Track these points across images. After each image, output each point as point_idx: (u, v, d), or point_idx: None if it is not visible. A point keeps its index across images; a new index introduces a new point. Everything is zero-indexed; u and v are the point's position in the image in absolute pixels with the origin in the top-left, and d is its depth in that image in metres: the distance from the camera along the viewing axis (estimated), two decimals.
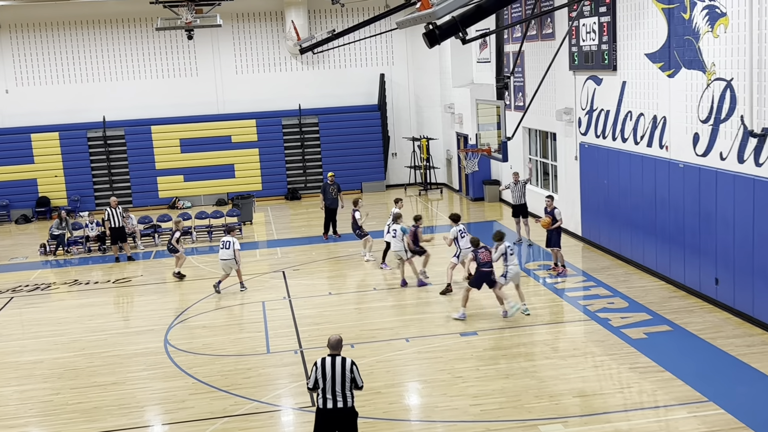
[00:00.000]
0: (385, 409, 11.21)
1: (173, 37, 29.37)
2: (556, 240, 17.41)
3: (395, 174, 31.38)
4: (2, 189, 28.60)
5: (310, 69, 30.65)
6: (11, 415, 11.77)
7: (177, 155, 29.56)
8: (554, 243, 17.44)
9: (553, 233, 17.37)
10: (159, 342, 14.61)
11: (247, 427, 10.91)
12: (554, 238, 17.41)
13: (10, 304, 17.84)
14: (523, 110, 20.01)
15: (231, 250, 17.33)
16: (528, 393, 11.47)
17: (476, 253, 14.81)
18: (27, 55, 29.05)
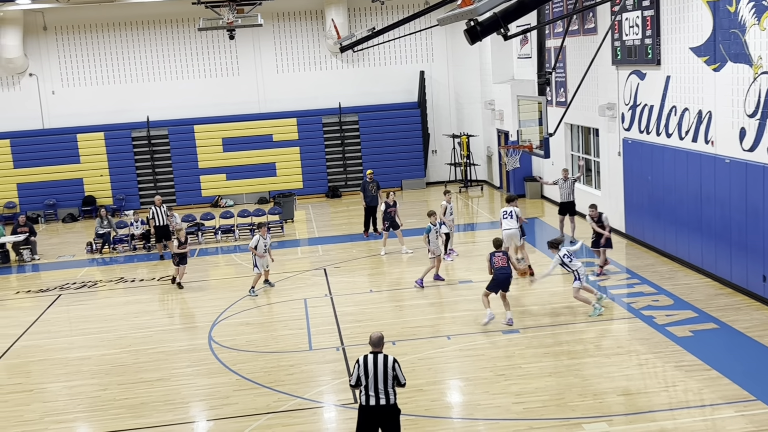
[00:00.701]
0: (427, 406, 11.22)
1: (215, 37, 29.67)
2: (608, 243, 17.00)
3: (435, 171, 31.33)
4: (49, 188, 29.17)
5: (350, 67, 30.74)
6: (60, 410, 12.01)
7: (219, 154, 29.87)
8: (607, 245, 17.01)
9: (602, 236, 16.92)
10: (203, 339, 14.79)
11: (290, 424, 10.99)
12: (606, 243, 16.98)
13: (58, 301, 18.20)
14: (565, 106, 19.84)
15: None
16: (572, 391, 11.38)
17: (492, 256, 14.40)
18: (72, 56, 29.57)
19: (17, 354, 14.70)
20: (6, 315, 17.53)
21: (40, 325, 16.41)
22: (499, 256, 14.41)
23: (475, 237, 22.22)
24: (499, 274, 14.34)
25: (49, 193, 29.18)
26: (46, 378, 13.45)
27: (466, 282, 17.25)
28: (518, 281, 16.61)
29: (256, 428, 10.87)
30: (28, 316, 17.04)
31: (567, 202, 20.17)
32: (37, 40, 29.33)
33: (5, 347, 15.05)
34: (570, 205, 20.20)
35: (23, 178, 29.12)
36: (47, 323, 16.56)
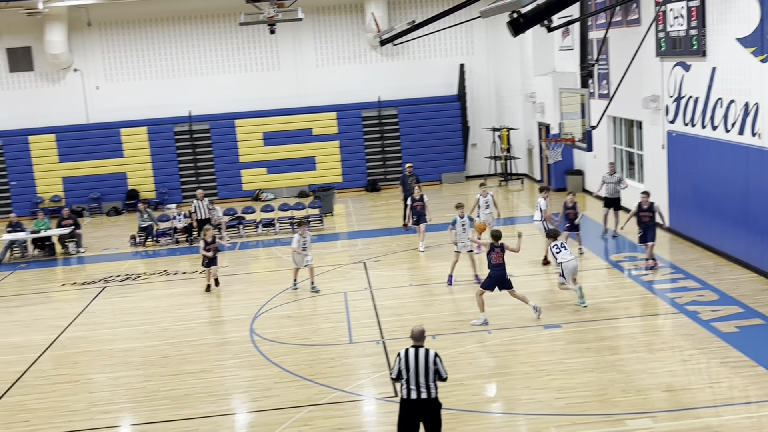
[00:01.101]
0: (468, 400, 11.19)
1: (256, 32, 29.85)
2: (653, 235, 16.81)
3: (475, 165, 31.19)
4: (94, 182, 29.64)
5: (389, 60, 30.71)
6: (106, 401, 12.21)
7: (260, 148, 30.07)
8: (651, 238, 16.82)
9: (650, 228, 16.76)
10: (245, 331, 14.92)
11: (331, 416, 11.05)
12: (651, 234, 16.80)
13: (102, 293, 18.50)
14: (607, 98, 19.61)
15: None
16: (614, 387, 11.27)
17: (491, 251, 14.07)
18: (116, 52, 29.97)
19: (63, 345, 14.97)
20: (52, 307, 17.87)
21: (86, 317, 16.69)
22: (497, 253, 14.04)
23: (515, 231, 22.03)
24: (494, 271, 14.09)
25: (93, 187, 29.65)
26: (91, 369, 13.69)
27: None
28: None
29: (297, 420, 10.94)
30: (73, 308, 17.35)
31: (613, 198, 19.84)
32: (81, 36, 29.78)
33: (52, 338, 15.34)
34: (615, 201, 19.86)
35: (68, 172, 29.62)
36: (92, 315, 16.84)
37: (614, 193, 19.76)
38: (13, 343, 15.31)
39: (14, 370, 13.68)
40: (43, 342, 15.13)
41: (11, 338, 15.63)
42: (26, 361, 14.13)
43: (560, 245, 15.13)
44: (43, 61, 29.56)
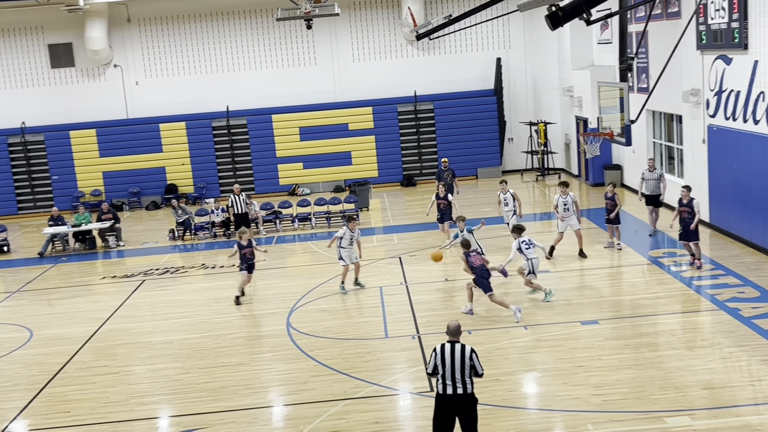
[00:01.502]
0: (504, 396, 11.15)
1: (293, 27, 29.97)
2: (695, 234, 16.38)
3: (511, 159, 31.02)
4: (133, 177, 30.02)
5: (425, 55, 30.66)
6: (144, 393, 12.38)
7: (296, 143, 30.21)
8: (694, 237, 16.39)
9: (689, 225, 16.34)
10: (282, 324, 15.02)
11: (366, 410, 11.08)
12: (693, 232, 16.34)
13: (142, 286, 18.74)
14: (646, 92, 19.38)
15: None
16: (653, 384, 11.15)
17: (468, 256, 14.45)
18: (155, 47, 30.31)
19: (104, 337, 15.21)
20: (93, 299, 18.15)
21: (125, 310, 16.93)
22: (474, 256, 14.53)
23: (552, 226, 21.90)
24: (481, 272, 14.35)
25: (133, 182, 30.03)
26: (131, 361, 13.88)
27: (544, 272, 17.03)
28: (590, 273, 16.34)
29: (333, 414, 11.00)
30: (113, 301, 17.61)
31: (654, 195, 19.40)
32: (121, 32, 30.15)
33: (92, 331, 15.59)
34: (656, 198, 19.50)
35: (108, 167, 30.04)
36: (132, 308, 17.08)
37: (655, 190, 19.38)
38: (55, 334, 15.59)
39: (56, 362, 13.94)
40: (83, 334, 15.39)
41: (53, 330, 15.91)
42: (67, 352, 14.39)
43: (528, 241, 15.22)
44: (83, 57, 30.00)
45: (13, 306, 17.98)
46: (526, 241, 15.24)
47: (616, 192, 18.45)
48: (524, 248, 15.15)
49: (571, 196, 17.90)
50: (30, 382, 13.13)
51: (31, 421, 11.66)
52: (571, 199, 17.99)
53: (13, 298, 18.63)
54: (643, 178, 19.56)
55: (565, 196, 18.06)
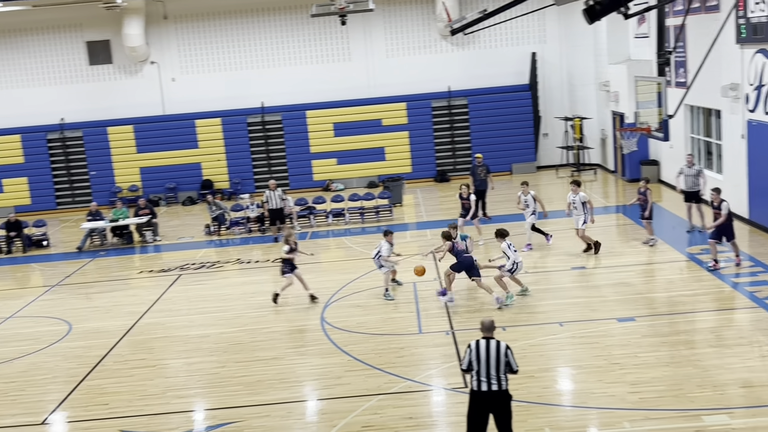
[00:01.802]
0: (538, 393, 11.10)
1: (327, 23, 30.02)
2: (731, 232, 16.01)
3: (546, 155, 30.80)
4: (170, 172, 30.33)
5: (459, 50, 30.54)
6: (181, 386, 12.52)
7: (330, 139, 30.29)
8: (729, 235, 16.01)
9: (724, 227, 15.90)
10: (316, 319, 15.09)
11: (400, 405, 11.10)
12: (728, 232, 15.97)
13: (178, 281, 18.94)
14: (684, 87, 19.12)
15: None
16: (690, 382, 11.02)
17: (453, 245, 15.23)
18: (191, 44, 30.56)
19: (141, 331, 15.40)
20: (130, 293, 18.39)
21: (162, 304, 17.13)
22: (458, 243, 15.34)
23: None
24: (463, 258, 15.07)
25: (169, 177, 30.34)
26: (167, 354, 14.05)
27: (579, 268, 16.92)
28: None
29: (368, 409, 11.03)
30: (150, 295, 17.83)
31: (692, 192, 19.14)
32: (157, 28, 30.45)
33: (130, 324, 15.80)
34: (695, 194, 19.20)
35: (145, 163, 30.38)
36: (168, 302, 17.28)
37: (693, 186, 19.09)
38: (94, 328, 15.82)
39: (94, 354, 14.15)
40: (121, 327, 15.60)
41: (91, 323, 16.15)
42: (105, 345, 14.60)
43: (511, 245, 15.17)
44: (121, 54, 30.36)
45: (52, 300, 18.29)
46: (511, 244, 15.19)
47: (648, 187, 18.25)
48: (513, 250, 15.09)
49: (580, 195, 17.67)
50: (69, 374, 13.34)
51: (70, 413, 11.86)
52: (580, 198, 17.77)
53: (52, 292, 18.94)
54: (682, 173, 19.34)
55: (574, 195, 17.94)
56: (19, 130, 30.37)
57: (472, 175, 22.62)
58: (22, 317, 17.02)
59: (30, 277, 21.04)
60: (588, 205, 17.82)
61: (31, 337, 15.50)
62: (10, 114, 30.45)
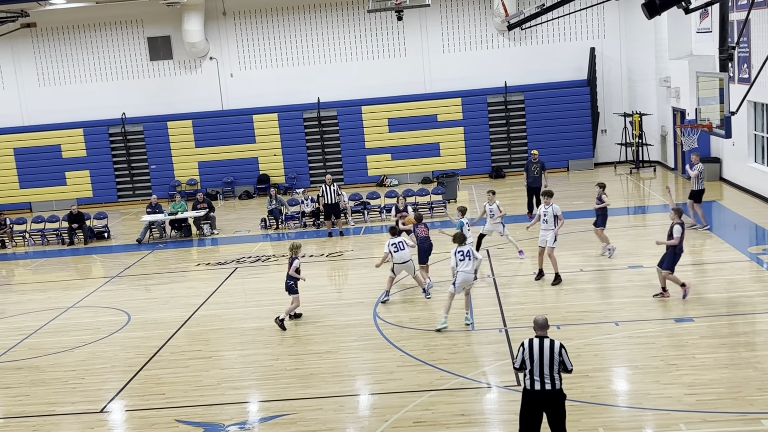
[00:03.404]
0: (593, 393, 10.96)
1: (383, 19, 30.06)
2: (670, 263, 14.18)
3: (604, 152, 30.37)
4: (228, 167, 30.76)
5: (516, 45, 30.28)
6: (236, 378, 12.69)
7: (385, 134, 30.33)
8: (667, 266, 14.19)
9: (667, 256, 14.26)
10: (369, 314, 15.14)
11: (452, 402, 11.07)
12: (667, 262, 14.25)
13: (234, 274, 19.19)
14: (748, 83, 18.64)
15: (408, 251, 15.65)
16: (750, 385, 10.75)
17: (415, 228, 16.67)
18: (249, 40, 30.91)
19: (197, 322, 15.66)
20: (188, 285, 18.70)
21: (218, 296, 17.38)
22: (420, 228, 16.55)
23: (646, 220, 21.38)
24: (421, 242, 16.30)
25: (226, 171, 30.76)
26: (223, 346, 14.25)
27: (636, 267, 16.64)
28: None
29: (419, 404, 11.03)
30: (207, 287, 18.10)
31: (697, 191, 18.69)
32: (216, 24, 30.87)
33: (187, 316, 16.07)
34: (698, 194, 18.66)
35: (203, 157, 30.85)
36: (224, 294, 17.52)
37: (700, 185, 18.69)
38: (152, 319, 16.14)
39: (152, 345, 14.44)
40: (178, 319, 15.88)
41: (150, 314, 16.48)
42: (163, 336, 14.88)
43: (465, 252, 13.93)
44: (181, 49, 30.86)
45: (112, 290, 18.70)
46: (463, 252, 13.98)
47: (605, 193, 17.64)
48: (458, 259, 13.96)
49: (554, 207, 16.27)
50: (127, 364, 13.64)
51: (128, 402, 12.12)
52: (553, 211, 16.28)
53: (112, 283, 19.37)
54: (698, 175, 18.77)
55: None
56: (81, 124, 31.14)
57: (526, 171, 22.44)
58: (83, 307, 17.45)
59: (91, 268, 21.56)
60: (559, 220, 16.16)
61: (91, 326, 15.89)
62: (74, 108, 31.25)
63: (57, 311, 17.19)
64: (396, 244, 15.58)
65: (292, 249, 14.97)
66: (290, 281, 14.88)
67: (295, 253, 14.93)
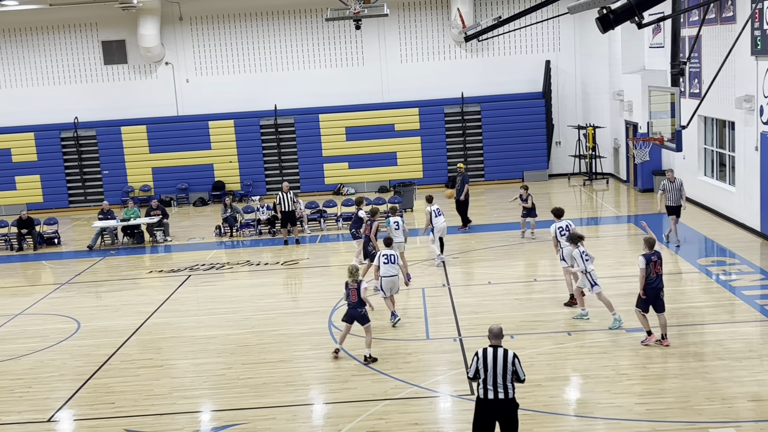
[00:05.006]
0: (545, 402, 11.05)
1: (342, 28, 30.09)
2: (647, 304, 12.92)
3: (558, 163, 30.74)
4: (182, 173, 30.42)
5: (473, 57, 30.53)
6: (187, 387, 12.53)
7: (342, 143, 30.32)
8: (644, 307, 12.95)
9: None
10: (323, 323, 15.08)
11: (406, 411, 11.07)
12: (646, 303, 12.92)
13: (187, 281, 18.98)
14: (698, 97, 19.04)
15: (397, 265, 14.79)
16: (698, 394, 10.94)
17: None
18: (205, 46, 30.67)
19: (149, 330, 15.43)
20: (139, 293, 18.44)
21: (171, 304, 17.16)
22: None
23: (599, 231, 21.67)
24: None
25: (181, 178, 30.43)
26: (174, 354, 14.07)
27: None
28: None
29: (373, 414, 11.01)
30: (159, 295, 17.86)
31: (676, 207, 18.94)
32: (173, 29, 30.58)
33: (138, 323, 15.83)
34: (678, 209, 18.96)
35: (158, 163, 30.48)
36: (177, 302, 17.31)
37: (677, 201, 18.82)
38: (102, 326, 15.87)
39: (102, 353, 14.19)
40: (129, 326, 15.64)
41: (100, 322, 16.20)
42: (113, 344, 14.63)
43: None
44: (136, 54, 30.50)
45: (62, 297, 18.36)
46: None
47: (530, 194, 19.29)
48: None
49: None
50: (76, 372, 13.38)
51: (77, 411, 11.88)
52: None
53: (62, 290, 19.01)
54: (665, 189, 19.04)
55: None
56: (33, 128, 30.56)
57: (455, 184, 22.70)
58: (32, 315, 17.09)
59: (40, 275, 21.14)
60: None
61: (40, 334, 15.57)
62: (25, 111, 30.66)
63: (4, 318, 16.81)
64: (387, 256, 14.65)
65: (353, 273, 13.03)
66: (361, 309, 13.03)
67: (356, 277, 13.04)
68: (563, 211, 15.70)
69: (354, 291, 12.86)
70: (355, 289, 12.86)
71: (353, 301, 12.86)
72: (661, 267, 12.67)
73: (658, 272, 12.59)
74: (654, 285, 12.56)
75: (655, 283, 12.56)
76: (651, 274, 12.54)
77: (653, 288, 12.57)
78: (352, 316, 13.01)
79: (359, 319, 12.91)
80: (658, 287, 12.61)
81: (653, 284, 12.56)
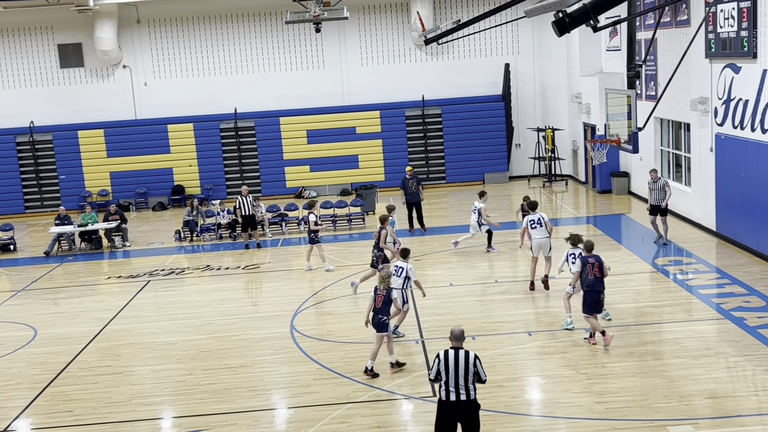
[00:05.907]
0: (506, 402, 11.12)
1: (302, 31, 30.01)
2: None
3: (518, 165, 30.98)
4: (140, 177, 30.07)
5: (434, 60, 30.65)
6: (147, 393, 12.38)
7: (304, 146, 30.23)
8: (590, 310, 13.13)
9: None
10: (285, 327, 15.01)
11: (369, 414, 11.06)
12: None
13: (147, 287, 18.76)
14: (654, 100, 19.34)
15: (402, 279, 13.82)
16: (656, 393, 11.10)
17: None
18: (164, 49, 30.38)
19: (108, 337, 15.22)
20: (98, 299, 18.18)
21: (130, 310, 16.95)
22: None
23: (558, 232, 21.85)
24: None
25: (140, 182, 30.08)
26: (134, 361, 13.89)
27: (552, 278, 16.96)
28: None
29: (336, 418, 10.98)
30: (118, 301, 17.63)
31: (657, 205, 19.22)
32: (130, 32, 30.24)
33: (96, 330, 15.60)
34: (659, 208, 19.33)
35: (116, 167, 30.09)
36: (136, 308, 17.10)
37: (658, 200, 19.06)
38: (59, 333, 15.62)
39: (60, 361, 13.96)
40: (88, 333, 15.41)
41: (57, 329, 15.94)
42: (71, 352, 14.41)
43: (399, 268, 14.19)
44: (93, 57, 30.09)
45: (18, 305, 18.03)
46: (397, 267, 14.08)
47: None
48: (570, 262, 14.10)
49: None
50: (33, 381, 13.15)
51: (34, 420, 11.68)
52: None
53: (18, 297, 18.67)
54: (649, 187, 19.39)
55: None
56: None
57: (403, 188, 22.76)
58: None
59: None
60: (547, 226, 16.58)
61: None
62: None
63: None
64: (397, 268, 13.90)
65: (384, 280, 12.53)
66: (382, 316, 12.44)
67: (387, 284, 12.54)
68: (537, 203, 16.64)
69: (381, 297, 12.36)
70: (382, 296, 12.36)
71: (377, 307, 12.41)
72: (600, 270, 12.91)
73: (596, 274, 12.83)
74: (594, 288, 12.81)
75: (595, 285, 12.81)
76: (589, 276, 12.81)
77: (594, 291, 12.82)
78: (374, 323, 12.48)
79: (377, 326, 12.40)
80: (599, 290, 12.86)
81: (593, 287, 12.81)
